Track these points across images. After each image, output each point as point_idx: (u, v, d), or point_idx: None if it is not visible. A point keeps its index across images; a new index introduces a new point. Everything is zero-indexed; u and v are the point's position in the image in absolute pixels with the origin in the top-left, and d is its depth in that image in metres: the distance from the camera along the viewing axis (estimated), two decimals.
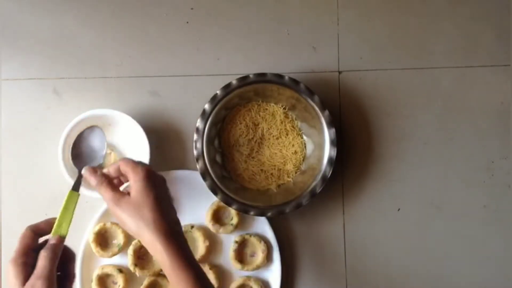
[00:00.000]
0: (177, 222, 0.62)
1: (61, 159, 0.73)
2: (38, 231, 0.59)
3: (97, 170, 0.64)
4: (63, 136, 0.73)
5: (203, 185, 0.74)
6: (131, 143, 0.77)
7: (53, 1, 0.80)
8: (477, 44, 0.82)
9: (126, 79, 0.80)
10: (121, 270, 0.76)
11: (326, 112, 0.75)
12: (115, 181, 0.65)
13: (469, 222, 0.81)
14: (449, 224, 0.81)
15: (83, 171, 0.64)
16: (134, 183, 0.60)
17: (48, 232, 0.60)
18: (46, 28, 0.80)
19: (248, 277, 0.77)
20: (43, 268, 0.56)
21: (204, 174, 0.74)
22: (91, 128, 0.72)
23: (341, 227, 0.80)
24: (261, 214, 0.75)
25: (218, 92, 0.74)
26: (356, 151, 0.81)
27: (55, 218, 0.61)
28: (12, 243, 0.78)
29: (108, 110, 0.75)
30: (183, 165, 0.79)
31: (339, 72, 0.81)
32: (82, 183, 0.66)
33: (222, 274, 0.78)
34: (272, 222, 0.79)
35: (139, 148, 0.75)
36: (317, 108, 0.75)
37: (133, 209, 0.59)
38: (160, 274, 0.76)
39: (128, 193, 0.61)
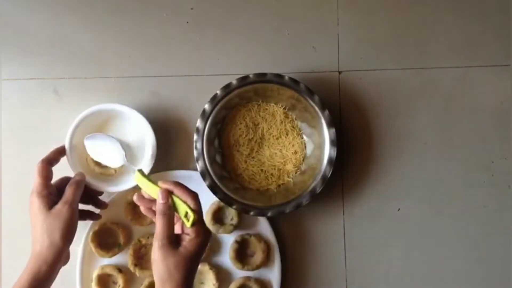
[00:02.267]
0: (193, 278, 0.61)
1: (68, 147, 0.72)
2: (50, 161, 0.69)
3: (169, 197, 0.61)
4: (70, 132, 0.73)
5: (203, 185, 0.74)
6: (138, 138, 0.77)
7: (53, 1, 0.80)
8: (477, 44, 0.82)
9: (126, 79, 0.80)
10: (121, 270, 0.76)
11: (326, 112, 0.75)
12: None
13: (469, 222, 0.81)
14: (449, 224, 0.81)
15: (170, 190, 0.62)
16: (192, 241, 0.59)
17: (58, 160, 0.71)
18: (46, 28, 0.80)
19: (248, 277, 0.77)
20: (70, 196, 0.66)
21: (204, 174, 0.74)
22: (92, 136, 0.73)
23: (341, 227, 0.80)
24: (261, 214, 0.75)
25: (218, 92, 0.74)
26: (356, 151, 0.81)
27: (61, 146, 0.71)
28: (12, 243, 0.78)
29: (116, 105, 0.74)
30: (183, 165, 0.79)
31: (339, 72, 0.81)
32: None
33: (222, 274, 0.78)
34: (272, 222, 0.79)
35: (144, 143, 0.76)
36: (317, 108, 0.75)
37: (172, 264, 0.58)
38: None
39: (178, 241, 0.60)
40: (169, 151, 0.79)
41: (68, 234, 0.65)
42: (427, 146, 0.81)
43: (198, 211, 0.60)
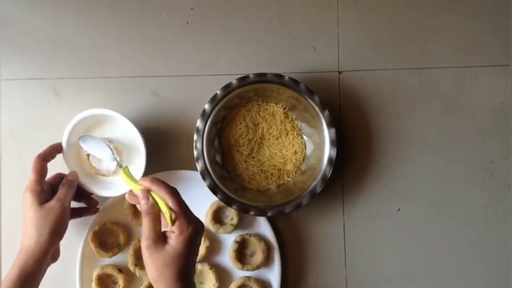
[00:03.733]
0: (192, 274, 0.59)
1: (64, 145, 0.72)
2: (46, 157, 0.69)
3: (149, 196, 0.58)
4: (67, 131, 0.72)
5: (203, 185, 0.74)
6: (130, 141, 0.76)
7: (53, 1, 0.80)
8: (477, 44, 0.82)
9: (126, 79, 0.80)
10: (121, 270, 0.76)
11: (326, 112, 0.75)
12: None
13: (469, 222, 0.81)
14: (449, 224, 0.81)
15: (142, 185, 0.59)
16: (177, 238, 0.56)
17: (54, 156, 0.71)
18: (46, 28, 0.80)
19: (248, 277, 0.77)
20: (63, 195, 0.68)
21: (204, 174, 0.74)
22: (82, 137, 0.73)
23: (341, 227, 0.80)
24: (261, 214, 0.75)
25: (218, 92, 0.74)
26: (356, 151, 0.81)
27: (58, 143, 0.71)
28: (12, 243, 0.78)
29: (106, 110, 0.73)
30: (183, 165, 0.79)
31: (339, 72, 0.81)
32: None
33: (222, 274, 0.78)
34: (272, 222, 0.79)
35: (136, 146, 0.75)
36: (317, 108, 0.75)
37: (161, 263, 0.56)
38: None
39: (165, 239, 0.57)
40: (169, 151, 0.79)
41: (57, 231, 0.66)
42: (427, 146, 0.81)
43: (177, 207, 0.57)
